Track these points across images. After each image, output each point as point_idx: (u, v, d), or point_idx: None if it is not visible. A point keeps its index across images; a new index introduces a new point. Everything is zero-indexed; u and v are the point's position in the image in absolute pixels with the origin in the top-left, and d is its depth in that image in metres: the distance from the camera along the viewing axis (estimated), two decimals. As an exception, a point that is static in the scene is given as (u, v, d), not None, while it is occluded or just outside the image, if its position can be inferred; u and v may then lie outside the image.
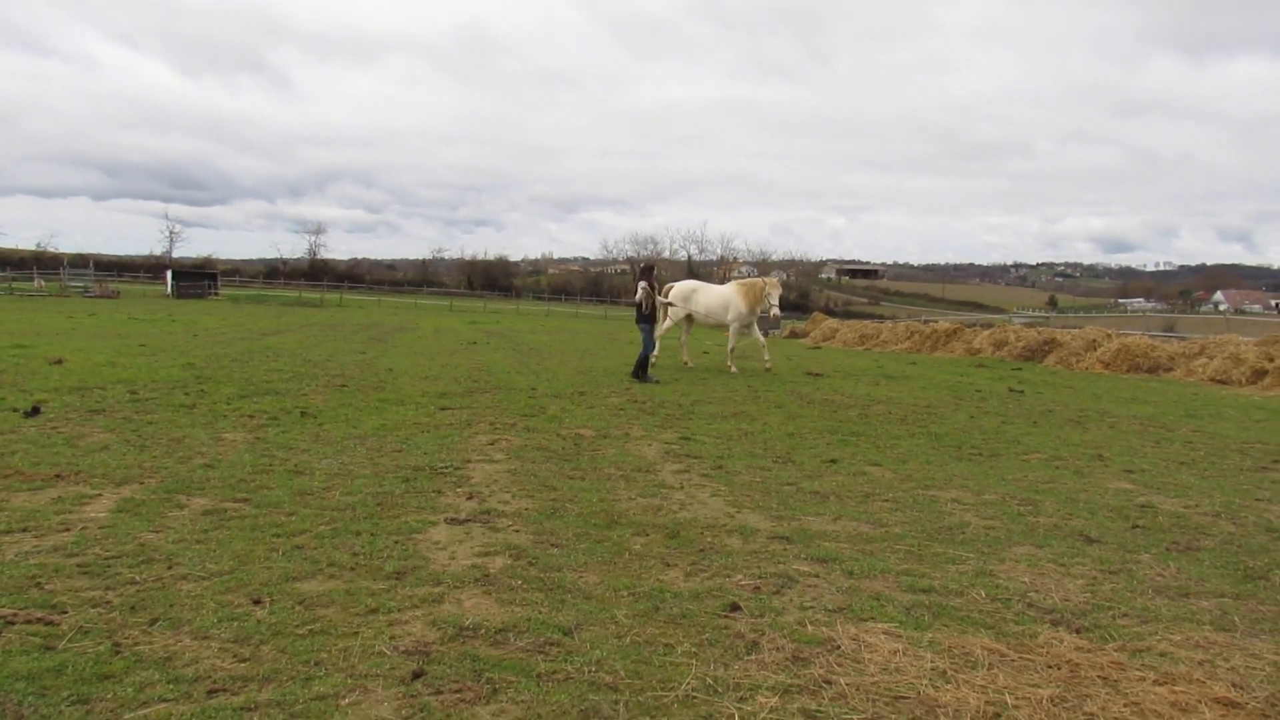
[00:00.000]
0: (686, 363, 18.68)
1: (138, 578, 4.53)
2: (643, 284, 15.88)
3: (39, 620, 3.93)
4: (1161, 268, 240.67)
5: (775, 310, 17.79)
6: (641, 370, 15.51)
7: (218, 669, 3.55)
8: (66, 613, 4.05)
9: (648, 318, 15.82)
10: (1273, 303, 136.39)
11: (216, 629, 3.93)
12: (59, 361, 14.03)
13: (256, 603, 4.25)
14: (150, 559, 4.82)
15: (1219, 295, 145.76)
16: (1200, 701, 3.51)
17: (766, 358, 18.75)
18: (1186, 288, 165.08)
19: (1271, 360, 19.13)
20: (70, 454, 7.40)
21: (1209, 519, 6.64)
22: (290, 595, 4.37)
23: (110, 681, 3.42)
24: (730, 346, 18.47)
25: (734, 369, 17.81)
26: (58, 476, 6.55)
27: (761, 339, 18.77)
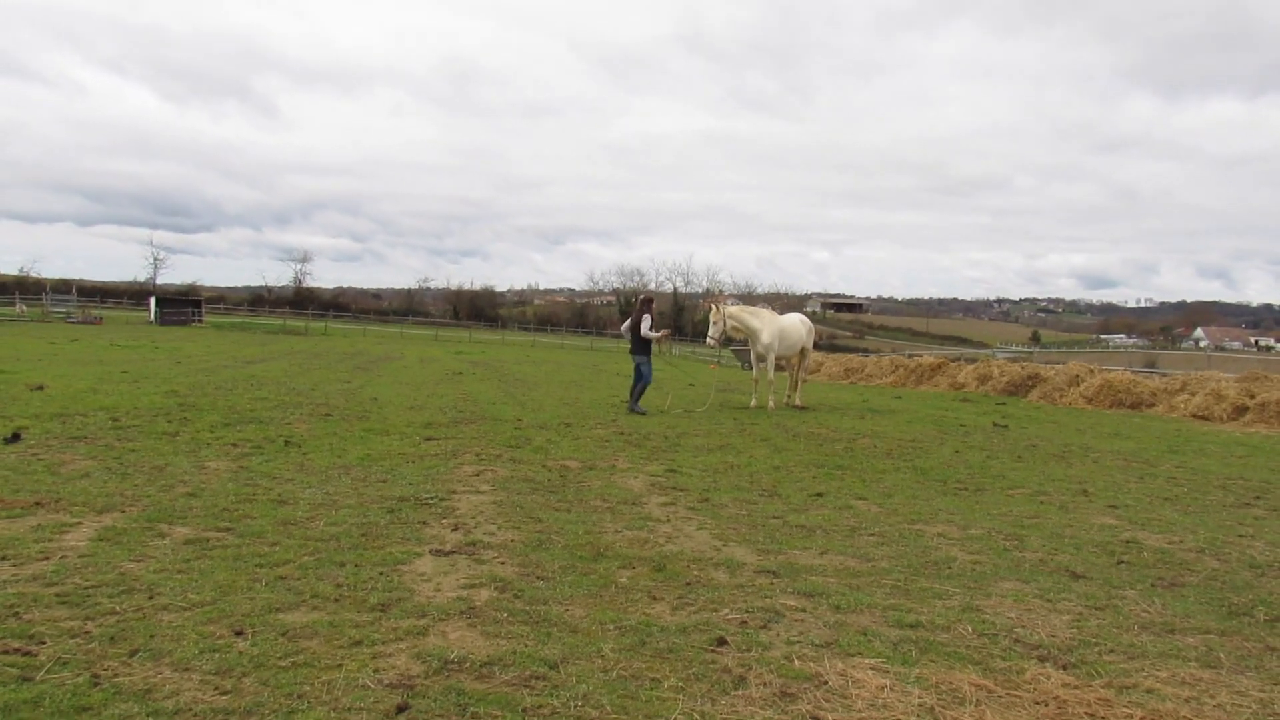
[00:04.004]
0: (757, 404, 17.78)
1: (118, 608, 4.47)
2: (645, 316, 15.97)
3: (16, 651, 3.87)
4: (1142, 304, 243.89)
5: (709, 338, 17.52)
6: (635, 399, 15.61)
7: (199, 701, 3.50)
8: (45, 643, 3.99)
9: (644, 349, 15.90)
10: (1252, 340, 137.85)
11: (198, 661, 3.87)
12: (40, 387, 13.92)
13: (239, 634, 4.20)
14: (131, 589, 4.76)
15: (1199, 332, 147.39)
16: (1187, 739, 3.50)
17: (755, 398, 18.12)
18: (1167, 324, 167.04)
19: (1252, 397, 19.28)
20: (51, 481, 7.32)
21: (1193, 555, 6.66)
22: (273, 627, 4.32)
23: (89, 714, 3.36)
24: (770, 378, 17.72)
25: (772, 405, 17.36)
26: (38, 504, 6.48)
27: (755, 373, 18.63)
